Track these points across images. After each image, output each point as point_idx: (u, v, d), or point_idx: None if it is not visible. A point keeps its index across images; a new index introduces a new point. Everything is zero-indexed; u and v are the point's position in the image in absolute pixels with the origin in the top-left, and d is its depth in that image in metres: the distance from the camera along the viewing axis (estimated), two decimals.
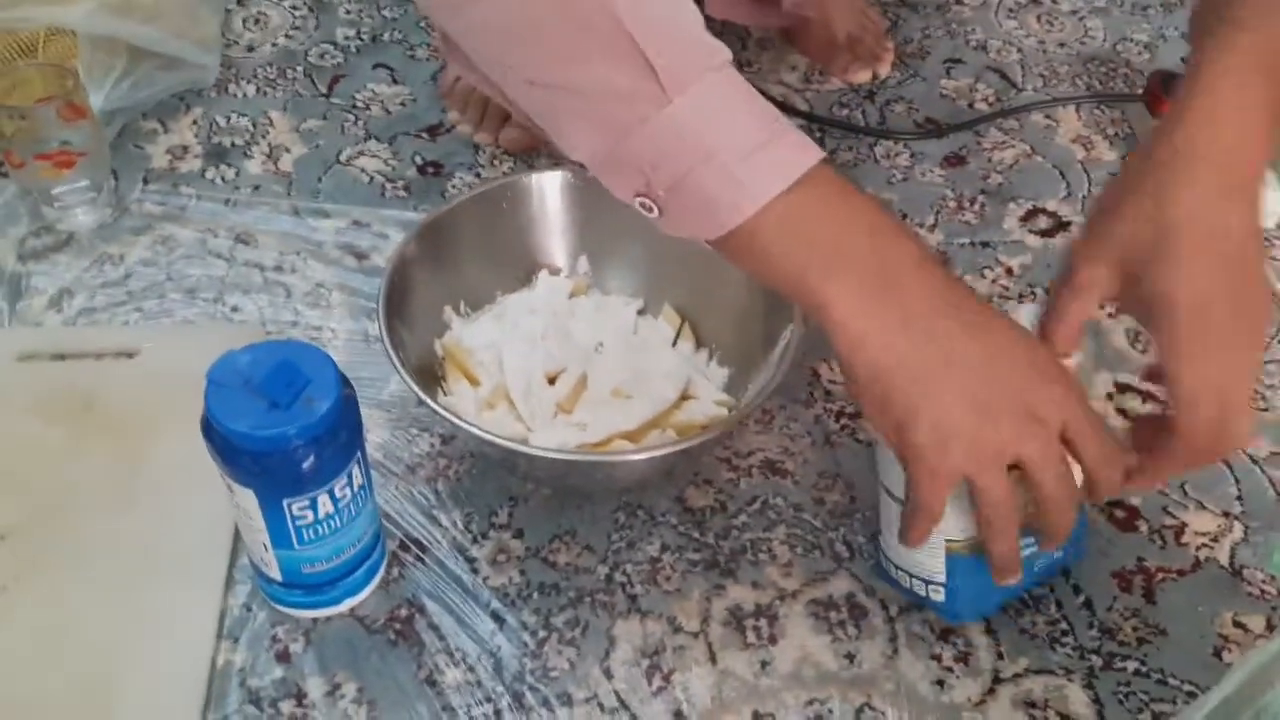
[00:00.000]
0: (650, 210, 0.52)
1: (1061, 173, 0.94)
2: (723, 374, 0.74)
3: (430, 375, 0.72)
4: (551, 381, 0.72)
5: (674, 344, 0.75)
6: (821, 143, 0.95)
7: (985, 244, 0.88)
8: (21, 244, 0.83)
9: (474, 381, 0.72)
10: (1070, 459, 0.54)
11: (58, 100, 0.80)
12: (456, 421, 0.63)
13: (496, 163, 0.92)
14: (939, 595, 0.62)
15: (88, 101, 0.82)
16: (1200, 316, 0.53)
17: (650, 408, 0.70)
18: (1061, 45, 1.07)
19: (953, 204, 0.91)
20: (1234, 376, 0.54)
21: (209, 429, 0.55)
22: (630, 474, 0.69)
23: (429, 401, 0.63)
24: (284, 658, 0.62)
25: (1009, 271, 0.86)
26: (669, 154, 0.50)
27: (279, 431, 0.53)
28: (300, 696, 0.60)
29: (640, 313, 0.77)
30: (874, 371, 0.52)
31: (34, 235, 0.84)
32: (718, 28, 1.03)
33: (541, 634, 0.64)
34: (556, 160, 0.92)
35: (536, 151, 0.93)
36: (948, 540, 0.59)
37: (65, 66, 0.83)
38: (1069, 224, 0.90)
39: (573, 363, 0.73)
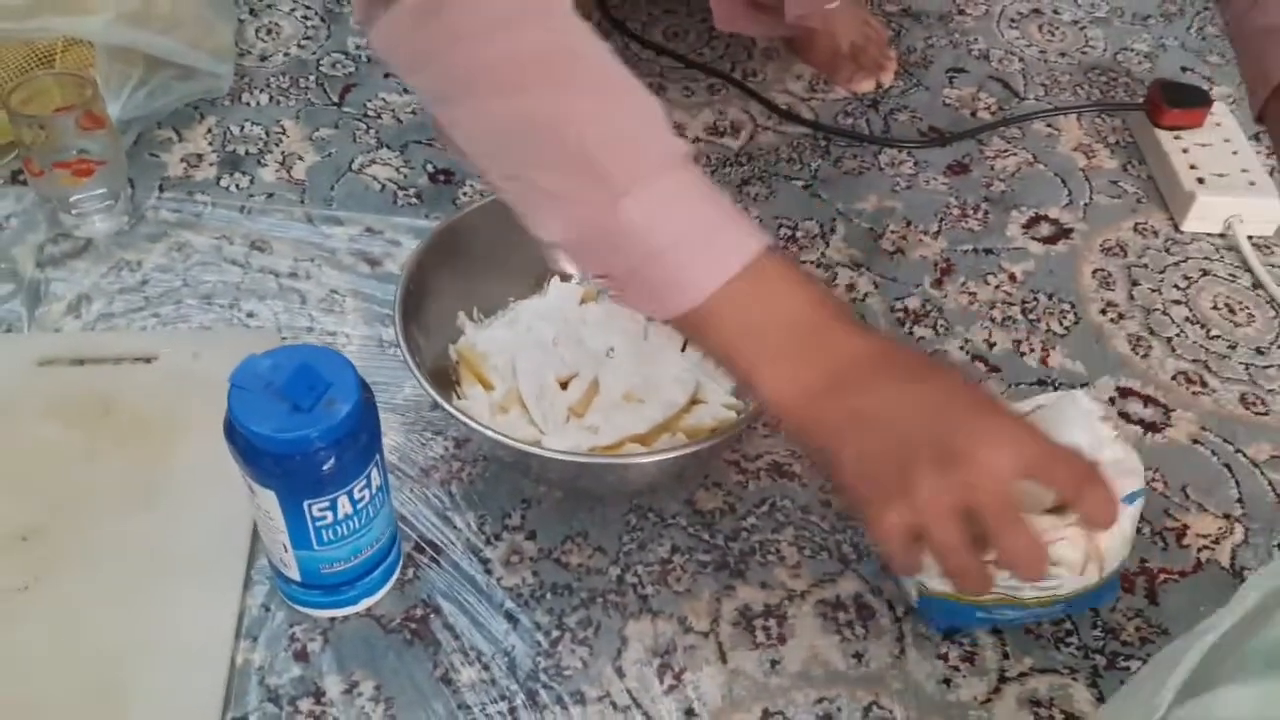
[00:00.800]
0: (611, 291, 0.57)
1: (1063, 180, 0.96)
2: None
3: (444, 380, 0.74)
4: (564, 386, 0.73)
5: (683, 349, 0.76)
6: (826, 151, 0.97)
7: (988, 251, 0.89)
8: (40, 251, 0.84)
9: (487, 386, 0.73)
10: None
11: (77, 110, 0.81)
12: (472, 424, 0.64)
13: None
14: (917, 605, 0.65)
15: (106, 111, 0.84)
16: None
17: (660, 411, 0.72)
18: (1063, 55, 1.09)
19: (956, 211, 0.92)
20: None
21: (232, 431, 0.56)
22: (641, 477, 0.70)
23: (444, 404, 0.64)
24: (302, 657, 0.63)
25: (1012, 278, 0.87)
26: (620, 250, 0.55)
27: (301, 434, 0.54)
28: (318, 695, 0.61)
29: (649, 318, 0.78)
30: (806, 434, 0.55)
31: (52, 242, 0.85)
32: (726, 38, 1.05)
33: (555, 633, 0.65)
34: None
35: None
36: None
37: (84, 76, 0.84)
38: (1071, 231, 0.91)
39: (584, 368, 0.74)
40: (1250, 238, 0.90)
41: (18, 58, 0.90)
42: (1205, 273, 0.89)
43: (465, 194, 0.91)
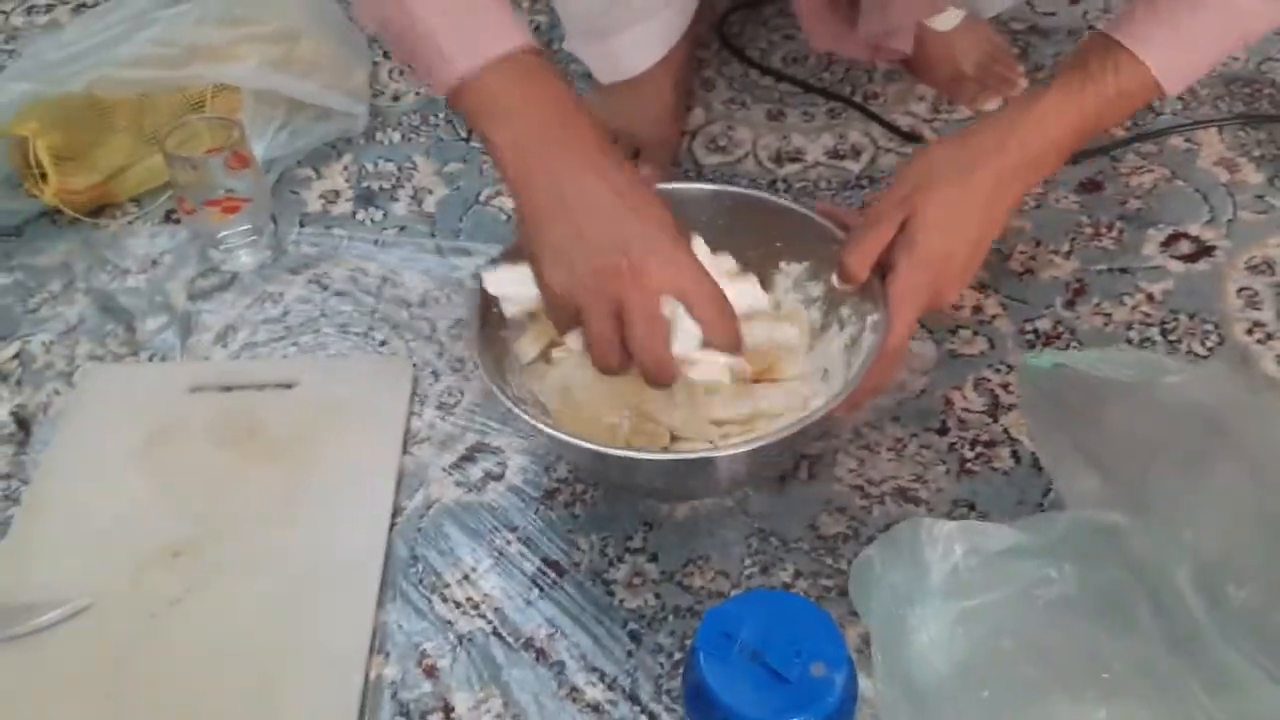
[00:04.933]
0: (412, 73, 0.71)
1: (1205, 196, 0.92)
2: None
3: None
4: None
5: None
6: None
7: (1124, 270, 0.86)
8: (191, 284, 0.89)
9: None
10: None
11: (225, 151, 0.86)
12: (541, 426, 0.64)
13: None
14: None
15: (252, 151, 0.89)
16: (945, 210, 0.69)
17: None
18: None
19: (1089, 230, 0.89)
20: (964, 246, 0.70)
21: (701, 697, 0.48)
22: (720, 472, 0.69)
23: (508, 405, 0.65)
24: (432, 673, 0.65)
25: (1150, 298, 0.84)
26: (404, 35, 0.64)
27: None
28: (448, 710, 0.63)
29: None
30: (519, 206, 0.64)
31: (202, 276, 0.90)
32: (845, 61, 1.04)
33: (678, 656, 0.65)
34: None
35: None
36: None
37: (232, 119, 0.89)
38: (1213, 248, 0.87)
39: None
40: None
41: (172, 104, 0.97)
42: None
43: None
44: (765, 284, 0.75)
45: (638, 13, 0.91)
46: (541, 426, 0.64)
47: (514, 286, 0.67)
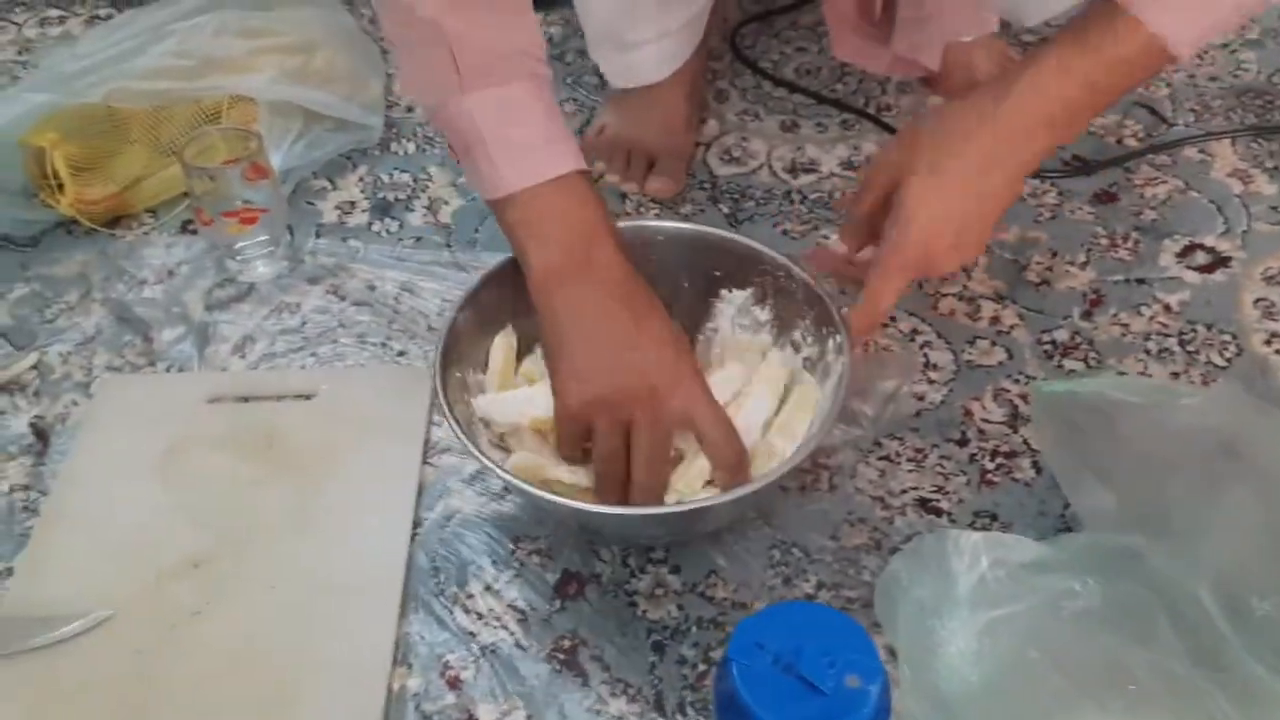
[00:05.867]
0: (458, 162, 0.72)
1: (1219, 208, 0.92)
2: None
3: None
4: None
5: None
6: None
7: (1141, 281, 0.86)
8: (208, 295, 0.89)
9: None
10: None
11: (243, 161, 0.86)
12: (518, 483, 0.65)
13: (643, 210, 0.95)
14: None
15: (269, 162, 0.89)
16: (936, 175, 0.69)
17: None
18: (1213, 79, 1.05)
19: (1105, 241, 0.89)
20: (955, 218, 0.70)
21: (734, 708, 0.48)
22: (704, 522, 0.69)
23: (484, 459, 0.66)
24: (455, 684, 0.64)
25: (1167, 309, 0.84)
26: (459, 132, 0.68)
27: None
28: None
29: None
30: (545, 327, 0.67)
31: (219, 287, 0.90)
32: (858, 74, 1.04)
33: (701, 667, 0.65)
34: (700, 207, 0.95)
35: (681, 198, 0.95)
36: None
37: (250, 130, 0.89)
38: (1229, 259, 0.87)
39: None
40: None
41: (188, 115, 0.97)
42: None
43: None
44: (707, 315, 0.77)
45: (657, 30, 0.92)
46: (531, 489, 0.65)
47: (501, 412, 0.71)
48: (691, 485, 0.67)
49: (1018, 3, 0.98)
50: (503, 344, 0.74)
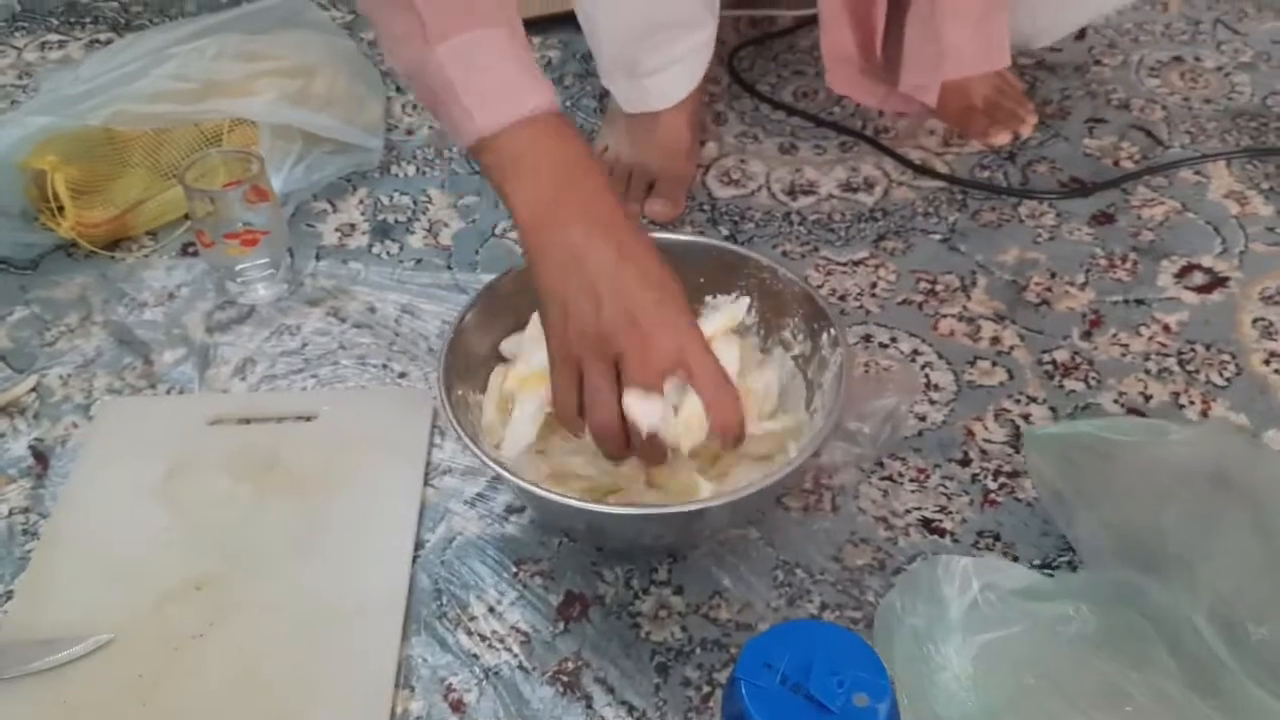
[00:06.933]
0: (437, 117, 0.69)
1: (1216, 228, 0.93)
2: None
3: None
4: None
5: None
6: (963, 204, 0.96)
7: (1139, 301, 0.87)
8: (209, 317, 0.89)
9: None
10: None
11: (244, 184, 0.86)
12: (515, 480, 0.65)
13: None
14: None
15: (270, 185, 0.89)
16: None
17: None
18: (1208, 101, 1.06)
19: (1103, 262, 0.90)
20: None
21: None
22: (697, 524, 0.69)
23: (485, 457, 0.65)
24: (458, 707, 0.64)
25: (1166, 329, 0.84)
26: (430, 86, 0.66)
27: None
28: None
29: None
30: (532, 268, 0.65)
31: (220, 309, 0.90)
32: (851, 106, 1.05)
33: (705, 689, 0.64)
34: (700, 229, 0.95)
35: (681, 220, 0.96)
36: None
37: (251, 153, 0.90)
38: (1227, 279, 0.88)
39: None
40: None
41: (188, 138, 0.97)
42: None
43: None
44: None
45: (667, 58, 0.93)
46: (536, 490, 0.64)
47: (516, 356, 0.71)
48: (694, 434, 0.65)
49: (1031, 28, 0.99)
50: (502, 372, 0.74)
